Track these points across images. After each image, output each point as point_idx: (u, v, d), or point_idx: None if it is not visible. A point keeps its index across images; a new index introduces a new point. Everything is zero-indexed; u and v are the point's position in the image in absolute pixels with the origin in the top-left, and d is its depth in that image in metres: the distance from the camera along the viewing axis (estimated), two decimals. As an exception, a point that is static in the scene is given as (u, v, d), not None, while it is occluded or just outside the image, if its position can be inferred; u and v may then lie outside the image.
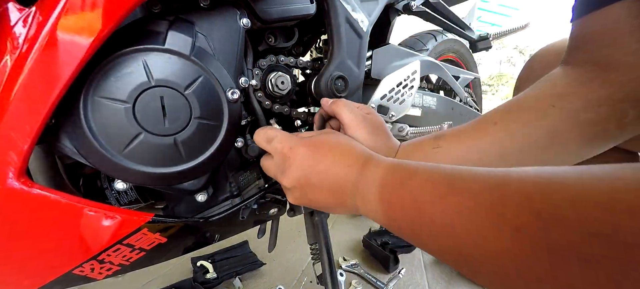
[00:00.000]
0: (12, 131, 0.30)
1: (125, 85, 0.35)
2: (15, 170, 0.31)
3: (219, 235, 0.52)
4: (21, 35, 0.30)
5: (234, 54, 0.44)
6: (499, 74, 8.48)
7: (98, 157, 0.35)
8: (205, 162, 0.41)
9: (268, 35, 0.52)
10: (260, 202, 0.52)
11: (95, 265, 0.40)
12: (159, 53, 0.36)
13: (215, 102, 0.40)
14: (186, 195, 0.45)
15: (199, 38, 0.41)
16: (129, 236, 0.40)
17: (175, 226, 0.44)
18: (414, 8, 0.73)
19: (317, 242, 0.54)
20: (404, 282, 0.93)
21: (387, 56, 0.66)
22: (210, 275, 0.89)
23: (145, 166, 0.37)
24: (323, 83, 0.51)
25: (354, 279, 0.93)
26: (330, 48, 0.53)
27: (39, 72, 0.30)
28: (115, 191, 0.43)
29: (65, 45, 0.30)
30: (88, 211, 0.36)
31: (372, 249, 1.06)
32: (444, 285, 0.92)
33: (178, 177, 0.40)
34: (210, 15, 0.43)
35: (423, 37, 0.94)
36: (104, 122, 0.34)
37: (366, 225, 1.35)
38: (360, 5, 0.56)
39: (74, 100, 0.33)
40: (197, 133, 0.39)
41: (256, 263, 0.96)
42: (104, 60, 0.34)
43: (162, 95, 0.37)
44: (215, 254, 1.01)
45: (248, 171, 0.51)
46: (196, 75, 0.38)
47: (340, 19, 0.52)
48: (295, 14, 0.49)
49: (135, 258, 0.43)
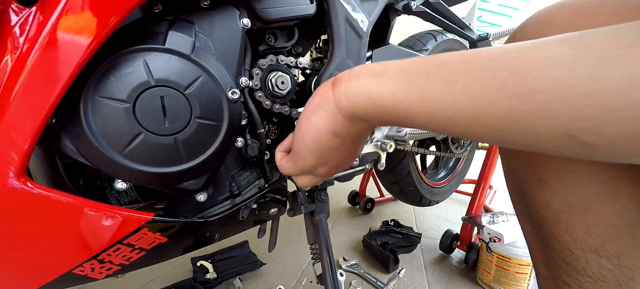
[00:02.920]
0: (12, 131, 0.30)
1: (126, 85, 0.35)
2: (16, 170, 0.31)
3: (219, 234, 0.52)
4: (21, 35, 0.30)
5: (234, 54, 0.44)
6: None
7: (98, 157, 0.35)
8: (205, 162, 0.41)
9: (268, 35, 0.52)
10: (260, 202, 0.52)
11: (95, 265, 0.40)
12: (159, 53, 0.36)
13: (216, 102, 0.40)
14: (186, 195, 0.46)
15: (199, 38, 0.41)
16: (129, 236, 0.40)
17: (176, 226, 0.44)
18: (414, 8, 0.73)
19: (317, 242, 0.54)
20: (404, 282, 0.93)
21: (387, 56, 0.66)
22: (210, 275, 0.89)
23: (146, 166, 0.38)
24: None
25: (354, 279, 0.93)
26: (330, 48, 0.53)
27: (40, 72, 0.30)
28: (115, 191, 0.43)
29: (65, 45, 0.30)
30: (88, 211, 0.36)
31: (372, 249, 1.06)
32: (444, 285, 0.92)
33: (178, 177, 0.40)
34: (210, 15, 0.43)
35: (423, 37, 0.94)
36: (104, 121, 0.34)
37: (366, 224, 1.35)
38: (360, 5, 0.56)
39: (74, 100, 0.33)
40: (197, 133, 0.39)
41: (256, 263, 0.96)
42: (104, 60, 0.34)
43: (163, 95, 0.37)
44: (215, 254, 1.01)
45: (248, 171, 0.51)
46: (196, 75, 0.38)
47: (340, 19, 0.52)
48: (295, 14, 0.49)
49: (136, 257, 0.43)
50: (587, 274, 0.35)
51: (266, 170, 0.52)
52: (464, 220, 1.02)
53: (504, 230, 0.84)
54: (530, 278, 0.85)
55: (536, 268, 0.43)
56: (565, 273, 0.37)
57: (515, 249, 0.84)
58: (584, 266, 0.35)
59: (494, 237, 0.85)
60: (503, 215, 0.97)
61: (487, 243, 0.88)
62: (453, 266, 1.03)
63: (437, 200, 1.20)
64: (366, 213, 1.52)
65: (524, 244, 0.83)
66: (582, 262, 0.35)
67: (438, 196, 1.20)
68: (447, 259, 1.07)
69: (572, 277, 0.36)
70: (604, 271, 0.34)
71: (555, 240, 0.36)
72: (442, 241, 1.08)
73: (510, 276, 0.85)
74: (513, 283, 0.85)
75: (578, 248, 0.35)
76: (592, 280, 0.35)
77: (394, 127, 0.67)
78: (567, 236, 0.35)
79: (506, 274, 0.86)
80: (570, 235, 0.35)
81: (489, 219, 0.94)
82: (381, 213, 1.51)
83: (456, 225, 1.27)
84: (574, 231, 0.34)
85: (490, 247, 0.88)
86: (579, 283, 0.36)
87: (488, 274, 0.90)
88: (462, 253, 1.06)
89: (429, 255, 1.10)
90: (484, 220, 0.93)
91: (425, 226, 1.36)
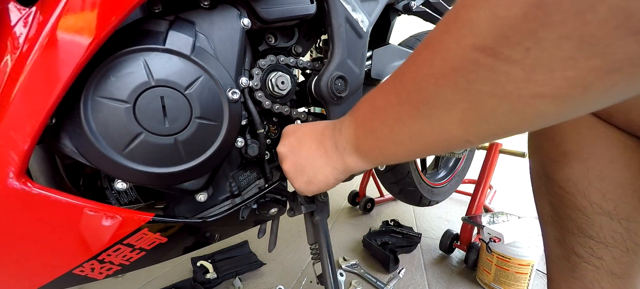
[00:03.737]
0: (12, 131, 0.30)
1: (126, 85, 0.35)
2: (16, 170, 0.31)
3: (219, 235, 0.52)
4: (22, 35, 0.30)
5: (234, 54, 0.44)
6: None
7: (98, 157, 0.35)
8: (205, 162, 0.41)
9: (268, 35, 0.52)
10: (260, 202, 0.52)
11: (95, 265, 0.40)
12: (160, 53, 0.36)
13: (216, 102, 0.40)
14: (186, 195, 0.45)
15: (200, 38, 0.41)
16: (130, 236, 0.40)
17: (176, 226, 0.44)
18: (414, 8, 0.73)
19: (317, 242, 0.54)
20: (404, 282, 0.93)
21: (387, 56, 0.66)
22: (210, 275, 0.89)
23: (146, 166, 0.37)
24: (323, 83, 0.51)
25: (354, 279, 0.93)
26: (331, 48, 0.53)
27: (40, 72, 0.30)
28: (115, 191, 0.43)
29: (65, 45, 0.30)
30: (88, 211, 0.36)
31: (372, 249, 1.06)
32: (444, 285, 0.92)
33: (178, 177, 0.40)
34: (210, 15, 0.43)
35: (423, 37, 0.94)
36: (104, 121, 0.34)
37: (366, 224, 1.35)
38: (360, 5, 0.56)
39: (74, 100, 0.33)
40: (197, 133, 0.39)
41: (256, 263, 0.96)
42: (104, 60, 0.34)
43: (163, 95, 0.37)
44: (215, 254, 1.01)
45: (248, 171, 0.51)
46: (196, 75, 0.38)
47: (340, 19, 0.52)
48: (295, 14, 0.49)
49: (136, 257, 0.43)
50: (599, 240, 0.40)
51: (266, 170, 0.52)
52: (464, 220, 1.02)
53: (504, 230, 0.84)
54: (530, 278, 0.85)
55: (548, 249, 0.47)
56: (578, 243, 0.41)
57: (515, 249, 0.84)
58: (598, 231, 0.40)
59: (494, 237, 0.85)
60: (503, 215, 0.98)
61: (487, 243, 0.88)
62: (453, 266, 1.03)
63: (437, 200, 1.20)
64: (366, 213, 1.52)
65: (524, 245, 0.84)
66: (596, 227, 0.40)
67: (438, 196, 1.20)
68: (447, 259, 1.07)
69: (584, 245, 0.41)
70: (614, 234, 0.39)
71: (574, 208, 0.41)
72: (442, 241, 1.08)
73: (510, 276, 0.85)
74: (513, 283, 0.85)
75: (594, 213, 0.40)
76: (603, 246, 0.40)
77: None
78: (584, 201, 0.40)
79: (506, 274, 0.86)
80: (588, 200, 0.40)
81: (489, 219, 0.94)
82: (381, 213, 1.51)
83: (456, 225, 1.27)
84: (591, 196, 0.39)
85: (490, 247, 0.88)
86: (591, 250, 0.40)
87: (488, 274, 0.90)
88: (462, 253, 1.06)
89: (429, 255, 1.10)
90: (484, 220, 0.93)
91: (425, 226, 1.36)
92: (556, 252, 0.46)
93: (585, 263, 0.41)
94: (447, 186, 1.26)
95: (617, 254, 0.39)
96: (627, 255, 0.39)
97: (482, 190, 1.10)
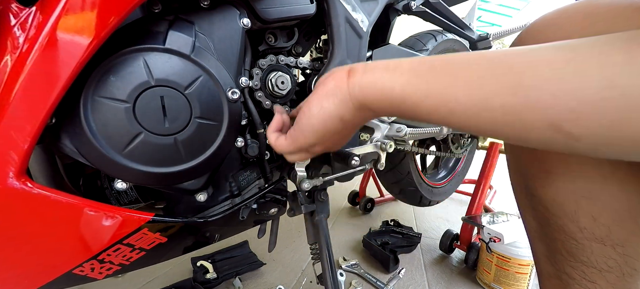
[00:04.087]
0: (12, 131, 0.30)
1: (126, 84, 0.35)
2: (16, 170, 0.31)
3: (219, 234, 0.52)
4: (21, 35, 0.30)
5: (234, 54, 0.44)
6: (499, 74, 8.43)
7: (98, 157, 0.35)
8: (205, 162, 0.41)
9: (268, 35, 0.52)
10: (260, 202, 0.52)
11: (95, 265, 0.40)
12: (159, 53, 0.36)
13: (216, 102, 0.40)
14: (186, 195, 0.45)
15: (199, 38, 0.41)
16: (129, 236, 0.40)
17: (175, 226, 0.44)
18: (414, 8, 0.73)
19: (317, 242, 0.54)
20: (404, 282, 0.93)
21: (387, 56, 0.66)
22: (210, 275, 0.89)
23: (146, 166, 0.38)
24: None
25: (354, 279, 0.93)
26: (330, 48, 0.53)
27: (39, 72, 0.30)
28: (115, 191, 0.43)
29: (65, 45, 0.30)
30: (88, 211, 0.36)
31: (372, 249, 1.06)
32: (444, 285, 0.92)
33: (178, 177, 0.40)
34: (210, 15, 0.43)
35: (423, 37, 0.94)
36: (104, 121, 0.34)
37: (366, 224, 1.35)
38: (360, 5, 0.56)
39: (74, 100, 0.33)
40: (197, 133, 0.39)
41: (256, 263, 0.96)
42: (104, 60, 0.34)
43: (163, 95, 0.37)
44: (215, 254, 1.01)
45: (248, 171, 0.51)
46: (196, 75, 0.38)
47: (340, 19, 0.52)
48: (295, 14, 0.49)
49: (136, 257, 0.43)
50: (592, 265, 0.35)
51: (266, 170, 0.52)
52: (464, 220, 1.02)
53: (504, 230, 0.84)
54: (530, 278, 0.85)
55: (538, 265, 0.44)
56: (569, 265, 0.37)
57: (515, 249, 0.84)
58: (589, 257, 0.35)
59: (494, 237, 0.85)
60: (503, 215, 0.97)
61: (487, 243, 0.88)
62: (453, 266, 1.03)
63: (437, 200, 1.20)
64: (366, 213, 1.52)
65: (524, 245, 0.84)
66: (587, 252, 0.35)
67: (438, 196, 1.20)
68: (447, 259, 1.07)
69: (576, 269, 0.37)
70: (608, 260, 0.35)
71: (561, 231, 0.37)
72: (442, 241, 1.08)
73: (510, 276, 0.85)
74: (513, 283, 0.85)
75: (584, 238, 0.35)
76: (596, 270, 0.35)
77: (394, 126, 0.67)
78: (573, 226, 0.36)
79: (506, 274, 0.86)
80: (577, 225, 0.35)
81: (489, 219, 0.94)
82: (381, 213, 1.51)
83: (456, 225, 1.27)
84: (581, 221, 0.35)
85: (490, 247, 0.88)
86: (583, 274, 0.36)
87: (488, 274, 0.90)
88: (462, 253, 1.06)
89: (429, 255, 1.10)
90: (484, 220, 0.93)
91: (425, 226, 1.36)
92: (547, 269, 0.41)
93: (577, 285, 0.37)
94: (447, 187, 1.26)
95: (613, 279, 0.35)
96: (624, 279, 0.35)
97: (482, 190, 1.10)
